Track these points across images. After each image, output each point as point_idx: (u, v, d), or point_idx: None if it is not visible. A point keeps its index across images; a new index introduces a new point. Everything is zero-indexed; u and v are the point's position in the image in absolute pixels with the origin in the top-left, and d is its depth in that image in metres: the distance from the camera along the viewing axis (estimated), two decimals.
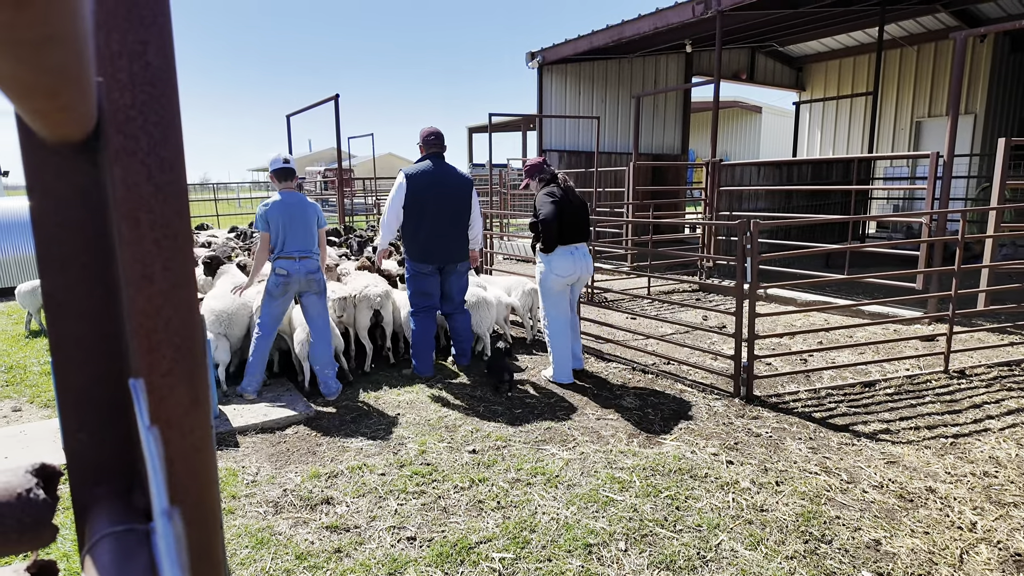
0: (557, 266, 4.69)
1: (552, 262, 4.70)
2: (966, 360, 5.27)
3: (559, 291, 4.79)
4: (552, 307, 4.84)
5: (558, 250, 4.68)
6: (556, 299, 4.82)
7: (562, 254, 4.69)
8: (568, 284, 4.81)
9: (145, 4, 0.58)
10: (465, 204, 5.08)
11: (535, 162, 4.95)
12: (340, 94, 9.78)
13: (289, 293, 4.55)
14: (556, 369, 4.90)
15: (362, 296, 5.13)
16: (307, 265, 4.51)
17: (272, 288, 4.51)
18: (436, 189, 4.94)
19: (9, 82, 0.32)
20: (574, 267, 4.73)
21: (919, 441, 3.80)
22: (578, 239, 4.76)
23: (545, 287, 4.81)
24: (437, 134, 5.10)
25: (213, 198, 20.14)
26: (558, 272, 4.70)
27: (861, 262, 9.63)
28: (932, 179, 6.42)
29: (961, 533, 2.85)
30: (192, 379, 0.64)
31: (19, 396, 4.78)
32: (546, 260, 4.73)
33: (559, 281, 4.73)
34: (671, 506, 3.07)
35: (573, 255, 4.72)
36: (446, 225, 4.99)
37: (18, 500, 0.57)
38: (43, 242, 0.62)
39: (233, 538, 2.85)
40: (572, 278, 4.77)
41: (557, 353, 4.87)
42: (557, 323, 4.85)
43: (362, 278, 5.47)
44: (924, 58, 13.23)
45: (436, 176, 4.95)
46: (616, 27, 10.39)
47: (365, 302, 5.13)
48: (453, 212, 5.02)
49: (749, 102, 28.87)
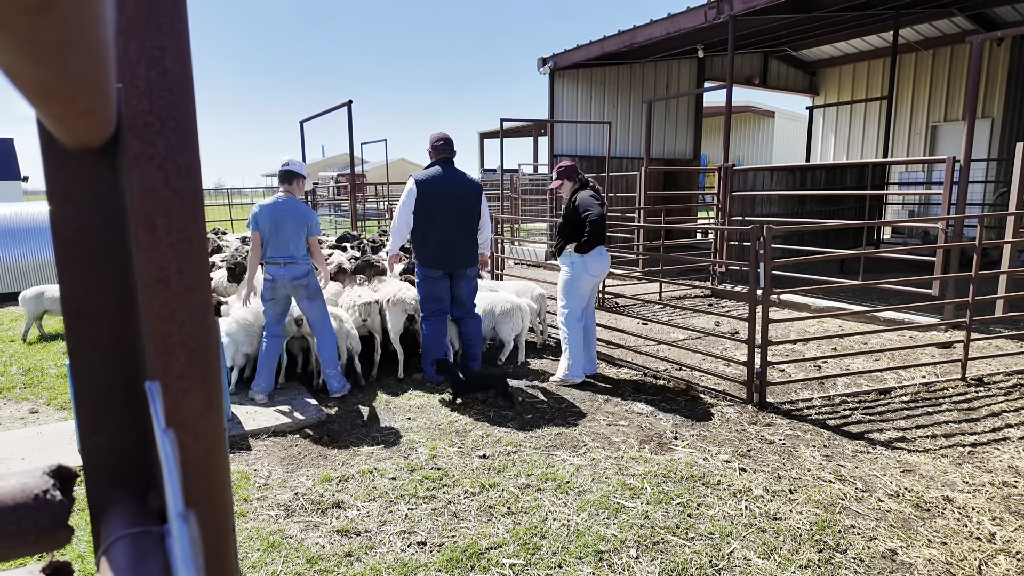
0: (592, 266, 4.83)
1: (588, 262, 4.83)
2: (984, 368, 5.19)
3: (586, 291, 4.95)
4: (576, 306, 4.94)
5: (593, 251, 4.81)
6: (580, 299, 4.94)
7: (596, 254, 4.83)
8: (594, 285, 5.00)
9: (163, 11, 0.58)
10: (474, 208, 5.10)
11: (570, 165, 5.05)
12: (353, 100, 9.85)
13: (279, 296, 4.58)
14: (572, 367, 4.96)
15: (396, 300, 5.17)
16: (292, 271, 4.51)
17: (264, 292, 4.58)
18: (446, 194, 4.96)
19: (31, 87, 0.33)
20: (603, 267, 4.91)
21: (936, 449, 3.74)
22: (605, 242, 4.95)
23: (574, 287, 4.89)
24: (446, 139, 5.14)
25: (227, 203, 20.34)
26: (593, 272, 4.85)
27: (876, 268, 9.53)
28: (948, 184, 6.34)
29: (979, 544, 2.80)
30: (206, 382, 0.64)
31: (36, 398, 4.84)
32: (580, 260, 4.84)
33: (591, 281, 4.90)
34: (683, 513, 3.04)
35: (602, 255, 4.88)
36: (456, 230, 5.01)
37: (35, 501, 0.58)
38: (62, 246, 0.63)
39: (245, 541, 2.87)
40: (600, 278, 4.97)
41: (574, 351, 4.95)
42: (576, 321, 4.94)
43: (392, 283, 5.52)
44: (940, 62, 13.09)
45: (445, 181, 4.98)
46: (628, 32, 10.39)
47: (400, 306, 5.17)
48: (463, 217, 5.03)
49: (762, 107, 28.71)
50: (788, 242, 9.53)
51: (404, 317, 5.17)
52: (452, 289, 5.15)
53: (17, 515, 0.57)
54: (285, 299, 4.63)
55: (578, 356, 4.94)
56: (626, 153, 13.43)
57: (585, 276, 4.84)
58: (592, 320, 5.14)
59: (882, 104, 12.77)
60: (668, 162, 13.78)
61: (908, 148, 13.70)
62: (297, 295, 4.59)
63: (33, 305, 6.46)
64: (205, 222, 0.64)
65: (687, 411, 4.41)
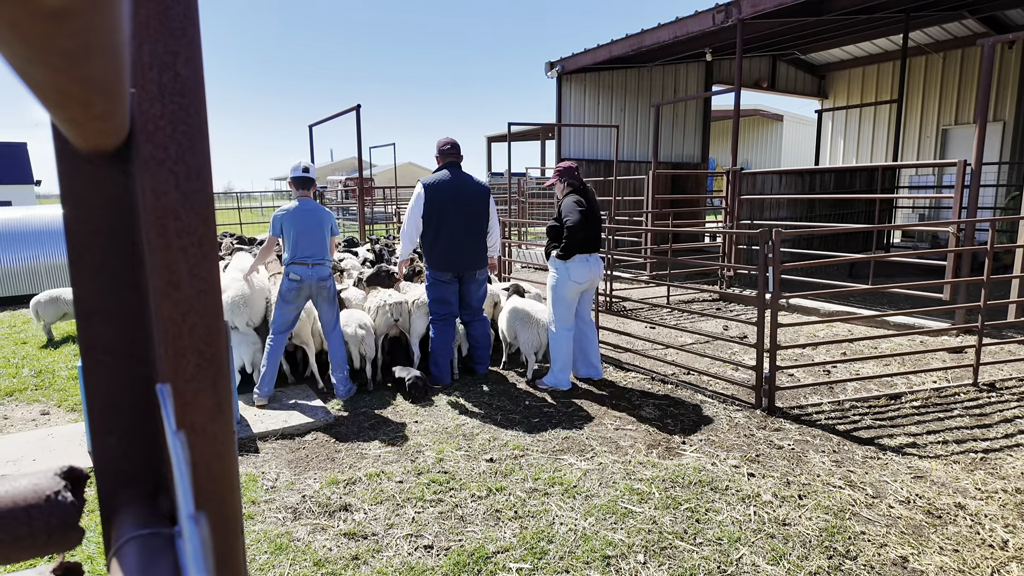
0: (575, 273, 4.78)
1: (571, 268, 4.78)
2: (996, 373, 5.13)
3: (572, 297, 4.90)
4: (563, 313, 4.92)
5: (576, 257, 4.77)
6: (568, 305, 4.91)
7: (580, 261, 4.78)
8: (582, 291, 4.92)
9: (176, 16, 0.59)
10: (483, 212, 5.11)
11: (568, 166, 5.04)
12: (362, 104, 9.90)
13: (301, 299, 4.63)
14: (558, 375, 4.94)
15: (421, 302, 5.24)
16: (319, 272, 4.61)
17: (285, 292, 4.60)
18: (454, 198, 4.98)
19: (48, 92, 0.33)
20: (590, 273, 4.84)
21: (947, 456, 3.71)
22: (595, 248, 4.89)
23: (559, 293, 4.87)
24: (453, 144, 5.15)
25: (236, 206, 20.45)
26: (576, 279, 4.79)
27: (886, 272, 9.45)
28: (960, 188, 6.29)
29: (992, 551, 2.77)
30: (216, 385, 0.65)
31: (47, 400, 4.88)
32: (563, 266, 4.80)
33: (575, 287, 4.83)
34: (691, 518, 3.03)
35: (588, 262, 4.82)
36: (464, 233, 5.02)
37: (47, 502, 0.58)
38: (75, 249, 0.63)
39: (252, 544, 2.87)
40: (587, 284, 4.89)
41: (560, 359, 4.94)
42: (564, 329, 4.93)
43: (416, 288, 5.61)
44: (950, 65, 13.01)
45: (453, 185, 4.99)
46: (636, 36, 10.38)
47: (423, 308, 5.23)
48: (471, 220, 5.05)
49: (770, 110, 28.63)
50: (797, 246, 9.48)
51: (428, 320, 5.22)
52: (461, 292, 5.16)
53: (29, 516, 0.58)
54: (302, 302, 4.68)
55: (564, 363, 4.92)
56: (634, 157, 13.41)
57: (569, 282, 4.81)
58: (589, 326, 5.12)
59: (892, 107, 12.70)
60: (676, 166, 13.75)
61: (918, 152, 13.61)
62: (319, 296, 4.67)
63: (52, 308, 6.53)
64: (216, 225, 0.64)
65: (695, 415, 4.38)
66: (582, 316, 5.08)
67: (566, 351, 4.92)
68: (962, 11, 11.14)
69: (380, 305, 5.20)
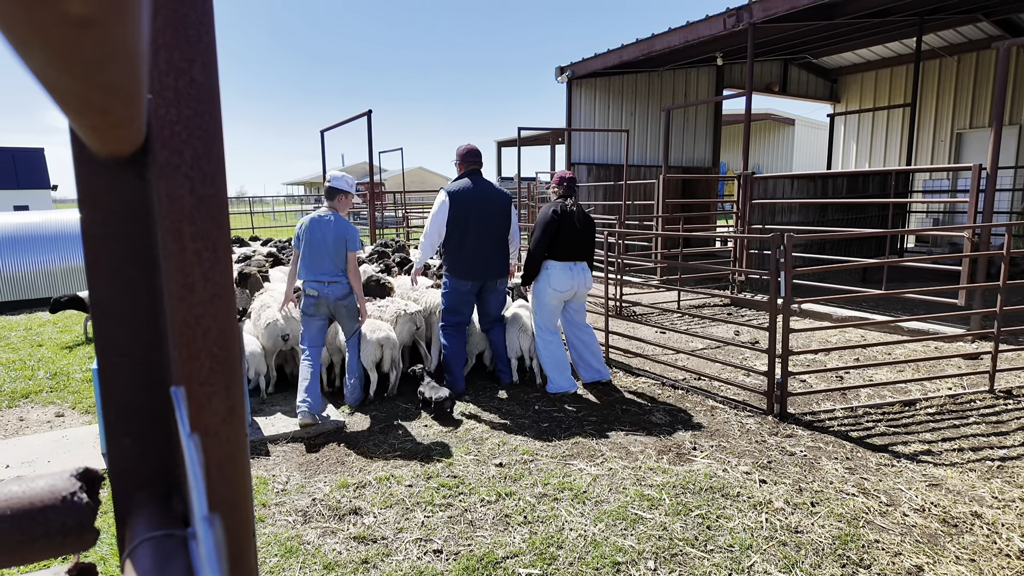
0: (556, 281, 4.86)
1: (551, 276, 4.86)
2: (1013, 380, 5.06)
3: (554, 305, 4.96)
4: (544, 320, 4.98)
5: (556, 265, 4.86)
6: (549, 312, 4.96)
7: (561, 269, 4.86)
8: (564, 299, 4.98)
9: (192, 23, 0.60)
10: (505, 220, 5.09)
11: (565, 175, 5.12)
12: (372, 109, 9.95)
13: (322, 311, 4.52)
14: (557, 379, 4.96)
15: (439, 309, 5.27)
16: (335, 291, 4.45)
17: (305, 308, 4.51)
18: (478, 206, 4.95)
19: (68, 98, 0.34)
20: (572, 282, 4.89)
21: (963, 463, 3.65)
22: (578, 257, 4.92)
23: (540, 300, 4.95)
24: (475, 151, 5.13)
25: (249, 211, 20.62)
26: (556, 286, 4.87)
27: (899, 277, 9.36)
28: (975, 192, 6.22)
29: (1009, 561, 2.72)
30: (229, 388, 0.65)
31: (62, 402, 4.94)
32: (544, 274, 4.90)
33: (556, 295, 4.90)
34: (702, 525, 3.00)
35: (571, 271, 4.88)
36: (488, 242, 4.99)
37: (63, 503, 0.59)
38: (92, 253, 0.64)
39: (263, 547, 2.89)
40: (568, 293, 4.94)
41: (548, 364, 4.98)
42: (548, 335, 4.99)
43: (432, 293, 5.64)
44: (965, 68, 12.88)
45: (477, 193, 4.97)
46: (646, 41, 10.38)
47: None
48: (494, 229, 5.02)
49: (781, 114, 28.49)
50: (809, 251, 9.41)
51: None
52: (481, 300, 5.15)
53: (46, 516, 0.58)
54: (326, 312, 4.54)
55: (555, 366, 4.94)
56: (644, 161, 13.39)
57: (549, 290, 4.87)
58: (584, 331, 5.12)
59: (905, 111, 12.58)
60: (687, 170, 13.70)
61: (932, 156, 13.47)
62: (339, 314, 4.57)
63: None
64: (230, 230, 0.65)
65: (706, 421, 4.36)
66: (576, 323, 5.12)
67: (552, 355, 4.96)
68: (976, 14, 11.03)
69: (400, 313, 5.09)
